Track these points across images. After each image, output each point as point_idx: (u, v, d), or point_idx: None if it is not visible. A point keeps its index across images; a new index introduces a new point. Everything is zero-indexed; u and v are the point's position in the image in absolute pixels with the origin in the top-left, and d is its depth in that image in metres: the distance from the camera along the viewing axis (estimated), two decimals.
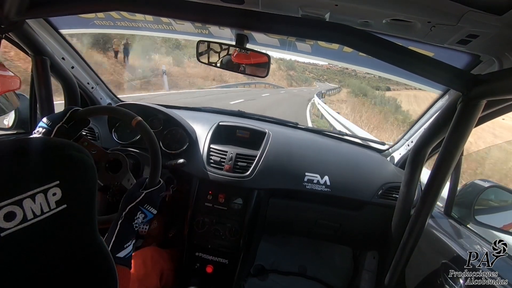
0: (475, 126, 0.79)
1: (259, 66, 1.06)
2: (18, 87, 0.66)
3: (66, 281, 0.44)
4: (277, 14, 0.77)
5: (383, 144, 1.60)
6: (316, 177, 1.30)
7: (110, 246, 0.78)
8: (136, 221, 0.83)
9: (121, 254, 0.78)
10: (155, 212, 0.88)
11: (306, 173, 1.30)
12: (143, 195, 0.85)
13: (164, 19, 1.39)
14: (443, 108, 1.00)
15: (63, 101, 1.37)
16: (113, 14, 1.40)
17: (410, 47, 0.78)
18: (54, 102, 1.23)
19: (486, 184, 1.05)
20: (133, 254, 1.09)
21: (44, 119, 0.91)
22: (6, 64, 0.68)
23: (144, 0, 0.82)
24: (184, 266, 1.30)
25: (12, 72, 0.65)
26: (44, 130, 0.89)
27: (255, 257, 1.63)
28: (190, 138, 1.35)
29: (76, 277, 0.45)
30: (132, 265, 1.04)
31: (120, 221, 0.81)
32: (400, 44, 0.76)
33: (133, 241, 0.82)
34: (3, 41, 0.91)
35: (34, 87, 1.21)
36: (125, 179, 1.02)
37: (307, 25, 0.78)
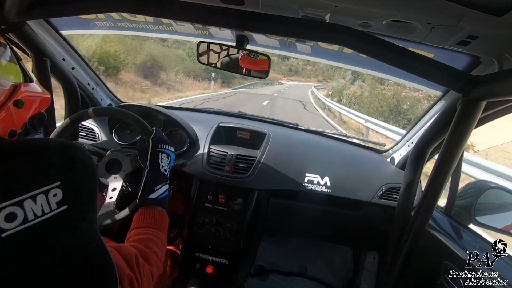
0: (475, 127, 0.79)
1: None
2: (48, 106, 0.65)
3: (67, 282, 0.44)
4: (277, 15, 0.77)
5: (383, 145, 1.60)
6: (317, 177, 1.30)
7: (140, 192, 0.81)
8: (162, 164, 0.87)
9: (153, 195, 0.80)
10: (172, 149, 0.94)
11: (307, 174, 1.30)
12: (151, 141, 0.90)
13: (165, 20, 1.38)
14: (443, 109, 1.00)
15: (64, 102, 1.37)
16: (114, 15, 1.40)
17: (410, 48, 0.79)
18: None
19: (488, 185, 1.05)
20: None
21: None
22: None
23: (144, 1, 0.82)
24: (184, 266, 1.30)
25: (42, 88, 0.64)
26: None
27: (256, 257, 1.63)
28: (191, 139, 1.35)
29: (77, 277, 0.45)
30: None
31: (146, 170, 0.85)
32: (400, 45, 0.76)
33: (165, 186, 0.85)
34: None
35: None
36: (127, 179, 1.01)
37: (307, 26, 0.78)
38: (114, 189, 0.98)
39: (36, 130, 0.65)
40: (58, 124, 1.05)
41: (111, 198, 0.96)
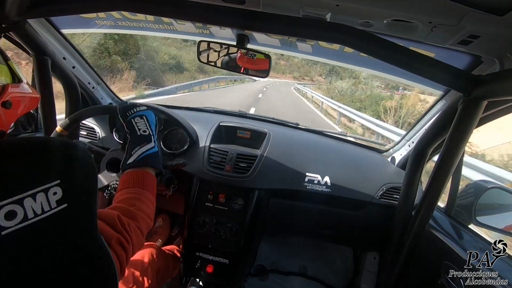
0: (476, 127, 0.79)
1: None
2: (37, 105, 0.65)
3: (66, 280, 0.44)
4: (278, 14, 0.77)
5: (384, 144, 1.60)
6: (317, 177, 1.30)
7: (122, 161, 0.82)
8: (138, 128, 0.86)
9: (131, 159, 0.81)
10: (144, 107, 0.92)
11: (307, 174, 1.30)
12: (119, 116, 0.90)
13: (165, 19, 1.38)
14: (444, 108, 1.00)
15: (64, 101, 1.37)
16: (114, 13, 1.40)
17: (411, 48, 0.78)
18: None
19: (488, 185, 1.05)
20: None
21: None
22: None
23: (145, 0, 0.82)
24: (185, 266, 1.30)
25: (31, 88, 0.64)
26: None
27: (256, 257, 1.63)
28: (191, 138, 1.35)
29: (76, 276, 0.45)
30: (131, 264, 1.05)
31: (128, 141, 0.86)
32: (401, 45, 0.76)
33: (145, 145, 0.84)
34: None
35: (35, 87, 1.21)
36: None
37: (308, 25, 0.78)
38: None
39: (26, 130, 0.65)
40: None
41: None
